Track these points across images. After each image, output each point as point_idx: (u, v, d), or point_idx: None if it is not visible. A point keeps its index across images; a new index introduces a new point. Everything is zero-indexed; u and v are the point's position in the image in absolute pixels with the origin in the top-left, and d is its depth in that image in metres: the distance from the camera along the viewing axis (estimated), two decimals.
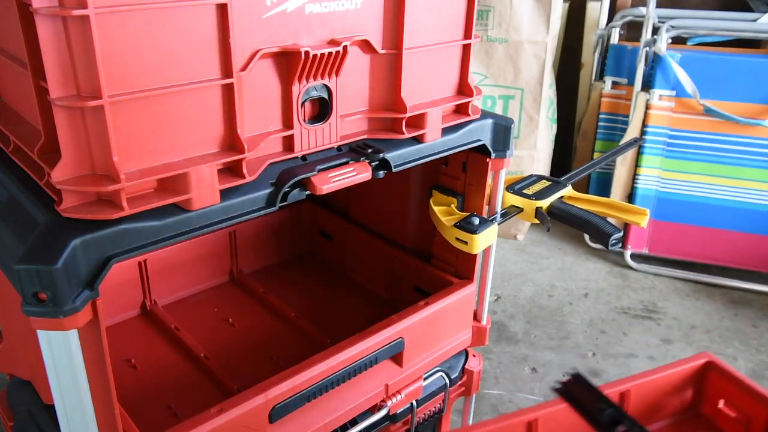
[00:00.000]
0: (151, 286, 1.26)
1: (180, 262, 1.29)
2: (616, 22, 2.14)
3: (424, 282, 1.23)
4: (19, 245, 0.65)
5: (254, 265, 1.42)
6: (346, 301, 1.34)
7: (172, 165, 0.71)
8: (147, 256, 1.21)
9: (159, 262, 1.26)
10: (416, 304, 1.07)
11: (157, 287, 1.27)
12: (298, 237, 1.49)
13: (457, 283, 1.15)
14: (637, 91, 1.97)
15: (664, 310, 1.80)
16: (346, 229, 1.39)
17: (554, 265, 2.03)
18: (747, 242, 1.94)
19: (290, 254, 1.49)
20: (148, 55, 0.65)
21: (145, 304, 1.27)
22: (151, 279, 1.26)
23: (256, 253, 1.42)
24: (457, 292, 1.11)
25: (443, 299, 1.09)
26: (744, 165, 1.90)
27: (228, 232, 1.34)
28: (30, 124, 0.75)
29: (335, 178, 0.83)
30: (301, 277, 1.42)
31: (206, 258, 1.33)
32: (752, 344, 1.63)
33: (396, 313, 1.04)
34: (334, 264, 1.45)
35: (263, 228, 1.41)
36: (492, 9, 1.94)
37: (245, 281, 1.37)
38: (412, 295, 1.25)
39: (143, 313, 1.27)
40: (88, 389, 0.71)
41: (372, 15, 0.84)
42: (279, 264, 1.46)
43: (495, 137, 1.05)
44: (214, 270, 1.36)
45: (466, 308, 1.15)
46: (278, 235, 1.45)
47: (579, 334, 1.69)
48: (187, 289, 1.33)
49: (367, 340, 0.98)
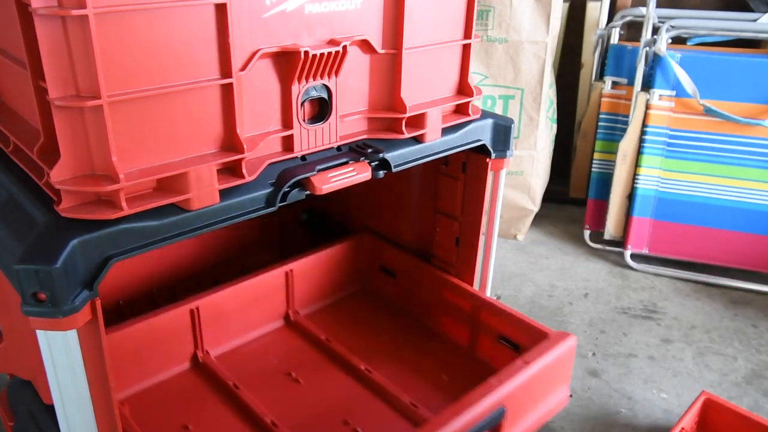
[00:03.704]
0: (203, 335, 1.13)
1: (233, 307, 1.16)
2: (616, 22, 2.14)
3: (510, 331, 1.10)
4: (19, 245, 0.65)
5: (310, 306, 1.29)
6: (418, 349, 1.20)
7: (171, 165, 0.71)
8: (199, 302, 1.09)
9: (211, 308, 1.12)
10: (513, 363, 0.92)
11: (209, 336, 1.13)
12: (357, 272, 1.35)
13: (553, 336, 1.00)
14: (637, 91, 1.97)
15: (664, 310, 1.80)
16: (415, 267, 1.26)
17: (554, 265, 2.03)
18: (747, 242, 1.94)
19: (348, 291, 1.35)
20: (147, 55, 0.65)
21: (196, 356, 1.13)
22: (203, 327, 1.12)
23: (311, 292, 1.28)
24: (557, 347, 0.97)
25: (544, 356, 0.94)
26: (744, 165, 1.90)
27: (284, 271, 1.21)
28: (29, 124, 0.75)
29: (335, 178, 0.83)
30: (363, 318, 1.28)
31: (260, 300, 1.20)
32: (752, 344, 1.63)
33: (492, 376, 0.90)
34: (399, 303, 1.31)
35: (319, 264, 1.27)
36: (492, 9, 1.94)
37: (302, 325, 1.23)
38: (495, 345, 1.12)
39: (194, 366, 1.13)
40: (88, 389, 0.71)
41: (372, 15, 0.84)
42: (336, 303, 1.32)
43: (495, 137, 1.05)
44: (268, 313, 1.23)
45: (566, 365, 1.02)
46: (335, 271, 1.31)
47: (579, 334, 1.68)
48: (240, 336, 1.19)
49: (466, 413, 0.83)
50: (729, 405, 1.22)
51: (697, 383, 1.48)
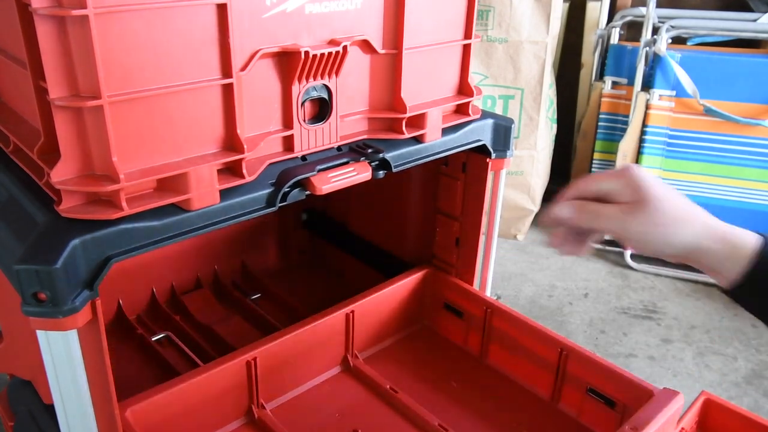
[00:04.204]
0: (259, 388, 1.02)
1: (292, 355, 1.05)
2: (616, 22, 2.14)
3: (605, 385, 0.98)
4: (19, 245, 0.65)
5: (369, 348, 1.18)
6: (493, 401, 1.07)
7: (171, 165, 0.71)
8: (257, 352, 0.98)
9: (270, 359, 1.01)
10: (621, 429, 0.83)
11: (264, 387, 1.03)
12: (418, 310, 1.24)
13: (659, 394, 0.89)
14: (637, 91, 1.97)
15: (664, 310, 1.80)
16: (486, 308, 1.13)
17: (554, 265, 2.03)
18: None
19: (408, 331, 1.24)
20: (147, 55, 0.65)
21: (251, 410, 1.02)
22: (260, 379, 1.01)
23: (371, 333, 1.18)
24: (666, 409, 0.86)
25: (653, 421, 0.84)
26: (744, 165, 1.90)
27: (345, 313, 1.10)
28: (29, 124, 0.75)
29: (335, 179, 0.82)
30: (429, 363, 1.16)
31: (320, 345, 1.09)
32: (752, 344, 1.63)
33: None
34: (466, 345, 1.19)
35: (380, 302, 1.17)
36: (492, 9, 1.94)
37: (363, 371, 1.11)
38: (585, 399, 1.01)
39: (249, 421, 1.01)
40: (88, 389, 0.71)
41: (372, 15, 0.84)
42: (397, 344, 1.21)
43: (495, 137, 1.05)
44: (327, 359, 1.12)
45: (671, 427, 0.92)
46: (397, 309, 1.21)
47: (579, 334, 1.68)
48: (296, 386, 1.08)
49: None
50: (729, 405, 1.21)
51: (697, 383, 1.48)
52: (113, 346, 1.18)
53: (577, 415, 1.03)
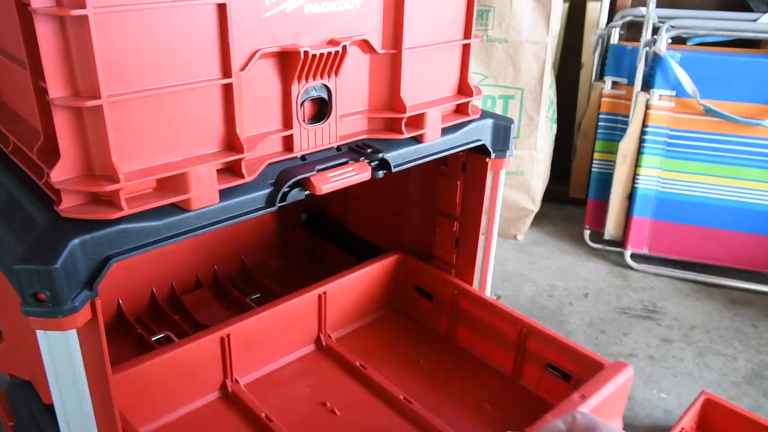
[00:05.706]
0: (233, 363, 1.06)
1: (264, 332, 1.10)
2: (616, 22, 2.14)
3: (562, 360, 1.03)
4: (19, 245, 0.65)
5: (342, 328, 1.23)
6: (458, 377, 1.13)
7: (171, 165, 0.71)
8: (230, 329, 1.03)
9: (242, 335, 1.06)
10: (570, 398, 0.87)
11: (238, 363, 1.07)
12: (389, 293, 1.29)
13: (609, 367, 0.94)
14: (637, 91, 1.97)
15: (664, 310, 1.80)
16: (454, 291, 1.18)
17: (554, 265, 2.03)
18: (747, 242, 1.94)
19: (380, 313, 1.28)
20: (146, 55, 0.65)
21: (225, 385, 1.07)
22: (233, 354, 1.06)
23: (343, 314, 1.23)
24: (614, 379, 0.91)
25: (601, 389, 0.88)
26: (744, 165, 1.90)
27: (317, 294, 1.15)
28: (29, 124, 0.75)
29: (334, 178, 0.83)
30: (398, 343, 1.22)
31: (292, 324, 1.14)
32: (752, 344, 1.63)
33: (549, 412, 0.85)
34: (435, 326, 1.25)
35: (352, 285, 1.22)
36: (492, 9, 1.94)
37: (335, 349, 1.17)
38: (542, 373, 1.07)
39: (223, 395, 1.06)
40: (88, 389, 0.71)
41: (371, 15, 0.84)
42: (369, 325, 1.26)
43: (495, 137, 1.05)
44: (299, 337, 1.16)
45: (622, 398, 0.96)
46: (368, 292, 1.26)
47: (579, 334, 1.68)
48: (270, 362, 1.13)
49: None
50: (729, 405, 1.22)
51: (697, 383, 1.48)
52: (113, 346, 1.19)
53: (536, 389, 1.08)
